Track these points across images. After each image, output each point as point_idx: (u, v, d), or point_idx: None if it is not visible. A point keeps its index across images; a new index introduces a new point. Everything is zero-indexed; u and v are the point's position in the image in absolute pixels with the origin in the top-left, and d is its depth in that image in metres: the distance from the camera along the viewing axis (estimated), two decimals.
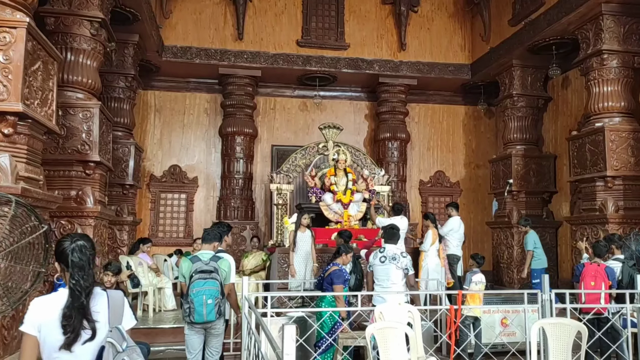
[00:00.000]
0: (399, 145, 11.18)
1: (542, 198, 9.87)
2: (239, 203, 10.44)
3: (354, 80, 11.26)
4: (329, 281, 5.07)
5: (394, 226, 5.52)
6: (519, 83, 9.95)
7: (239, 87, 10.64)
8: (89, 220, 6.54)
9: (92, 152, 6.59)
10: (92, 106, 6.69)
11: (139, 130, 10.91)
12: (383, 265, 5.14)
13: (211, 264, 4.20)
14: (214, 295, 4.10)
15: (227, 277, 4.36)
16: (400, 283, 5.14)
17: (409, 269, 5.14)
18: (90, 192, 6.61)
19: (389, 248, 5.23)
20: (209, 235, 4.51)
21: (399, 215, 6.92)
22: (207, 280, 4.12)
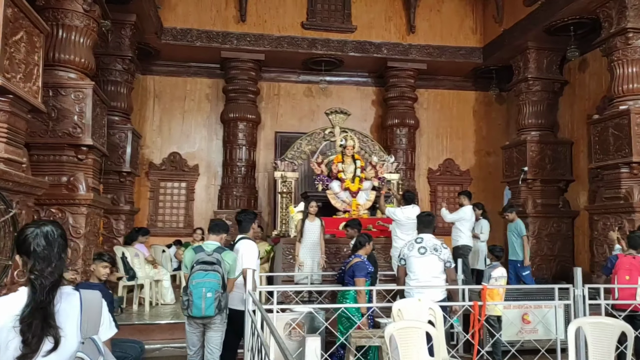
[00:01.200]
0: (408, 132, 10.74)
1: (558, 187, 9.44)
2: (242, 192, 10.03)
3: (361, 64, 10.80)
4: (351, 274, 4.76)
5: (429, 213, 5.04)
6: (534, 66, 9.49)
7: (241, 71, 10.20)
8: (81, 208, 6.15)
9: (85, 135, 6.19)
10: (85, 86, 6.27)
11: (138, 116, 10.49)
12: (423, 257, 4.59)
13: (214, 256, 3.98)
14: (214, 288, 3.88)
15: (232, 271, 4.11)
16: (442, 277, 4.62)
17: (450, 261, 4.62)
18: (82, 179, 6.21)
19: (428, 238, 4.69)
20: (216, 225, 4.30)
21: (411, 204, 6.50)
22: (208, 272, 3.91)
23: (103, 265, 4.55)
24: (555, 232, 9.17)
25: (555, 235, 9.18)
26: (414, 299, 4.44)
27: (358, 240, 5.02)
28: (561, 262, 9.16)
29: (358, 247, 4.99)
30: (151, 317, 6.58)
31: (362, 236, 5.07)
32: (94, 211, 6.54)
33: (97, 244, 6.84)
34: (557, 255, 9.16)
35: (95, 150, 6.56)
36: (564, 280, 8.74)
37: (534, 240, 9.05)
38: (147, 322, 6.29)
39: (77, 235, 6.15)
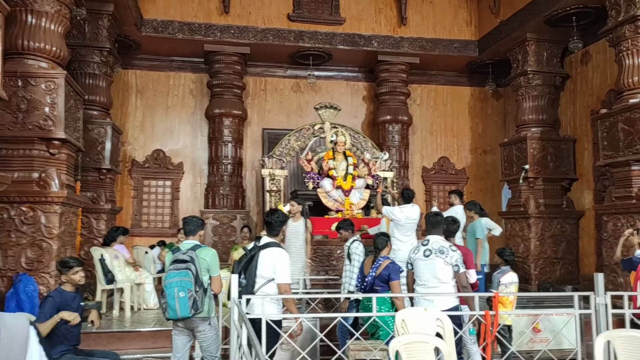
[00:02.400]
0: (401, 129, 10.36)
1: (562, 186, 9.06)
2: (228, 190, 9.58)
3: (350, 58, 10.40)
4: (384, 278, 4.41)
5: (438, 213, 4.64)
6: (534, 59, 9.11)
7: (226, 65, 9.75)
8: (53, 206, 5.71)
9: (57, 128, 5.74)
10: (57, 76, 5.82)
11: (119, 112, 10.00)
12: (428, 260, 4.26)
13: (188, 254, 3.81)
14: (187, 287, 3.68)
15: (212, 268, 3.88)
16: (450, 283, 4.24)
17: (459, 265, 4.22)
18: (55, 175, 5.76)
19: (434, 239, 4.34)
20: (189, 225, 4.05)
21: (410, 202, 6.11)
22: (180, 271, 3.74)
23: (75, 272, 4.11)
24: (559, 234, 8.78)
25: (559, 236, 8.79)
26: (419, 309, 4.02)
27: (377, 242, 4.68)
28: (565, 265, 8.78)
29: (379, 248, 4.66)
30: (132, 323, 6.11)
31: (380, 237, 4.73)
32: (68, 210, 6.09)
33: (73, 245, 6.38)
34: (561, 258, 8.77)
35: (69, 144, 6.10)
36: (569, 285, 8.40)
37: (537, 242, 8.68)
38: (127, 329, 5.82)
39: (50, 236, 5.71)
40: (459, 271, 4.23)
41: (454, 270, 4.23)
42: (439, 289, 4.22)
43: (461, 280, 4.25)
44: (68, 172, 6.17)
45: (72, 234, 6.27)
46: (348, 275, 5.24)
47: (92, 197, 7.94)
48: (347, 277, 5.24)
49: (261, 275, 3.84)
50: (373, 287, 4.51)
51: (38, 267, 5.56)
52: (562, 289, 8.30)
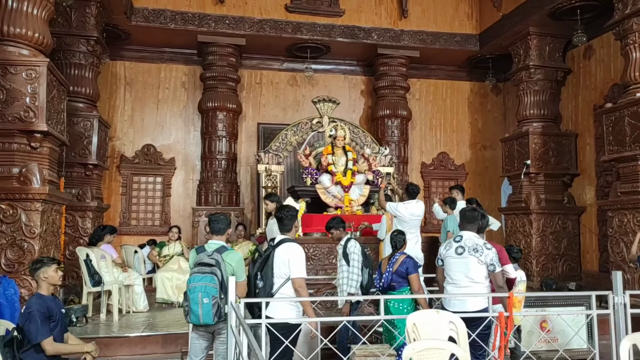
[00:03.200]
0: (400, 124, 10.07)
1: (563, 181, 8.87)
2: (222, 187, 9.23)
3: (349, 51, 10.09)
4: (402, 273, 4.30)
5: (475, 208, 4.39)
6: (536, 53, 8.89)
7: (220, 57, 9.38)
8: (35, 204, 5.34)
9: (38, 120, 5.37)
10: (38, 64, 5.45)
11: (107, 105, 9.61)
12: (460, 258, 4.00)
13: (214, 256, 3.60)
14: (211, 293, 3.50)
15: (238, 273, 3.64)
16: (484, 283, 3.97)
17: (495, 264, 3.93)
18: (36, 170, 5.39)
19: (468, 236, 4.06)
20: (217, 223, 3.79)
21: (415, 198, 5.81)
22: (205, 275, 3.55)
23: (54, 269, 3.78)
24: (560, 230, 8.60)
25: (561, 232, 8.60)
26: (431, 311, 3.76)
27: (395, 242, 4.54)
28: (567, 261, 8.59)
29: (397, 246, 4.53)
30: (120, 328, 5.76)
31: (398, 236, 4.56)
32: (51, 207, 5.72)
33: (57, 245, 6.02)
34: (563, 254, 8.58)
35: (52, 138, 5.73)
36: (571, 281, 8.22)
37: (539, 238, 8.47)
38: (115, 334, 5.47)
39: (31, 235, 5.34)
40: (495, 270, 3.94)
41: (489, 270, 3.94)
42: (471, 289, 3.94)
43: (497, 280, 3.96)
44: (51, 168, 5.80)
45: (56, 233, 5.90)
46: (346, 277, 4.85)
47: (77, 194, 7.57)
48: (345, 277, 4.85)
49: (278, 275, 3.69)
50: (391, 284, 4.35)
51: (19, 269, 5.20)
52: (565, 286, 8.11)
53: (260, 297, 3.57)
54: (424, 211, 5.88)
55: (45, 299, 3.67)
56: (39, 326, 3.56)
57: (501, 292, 3.97)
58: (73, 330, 5.53)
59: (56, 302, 3.80)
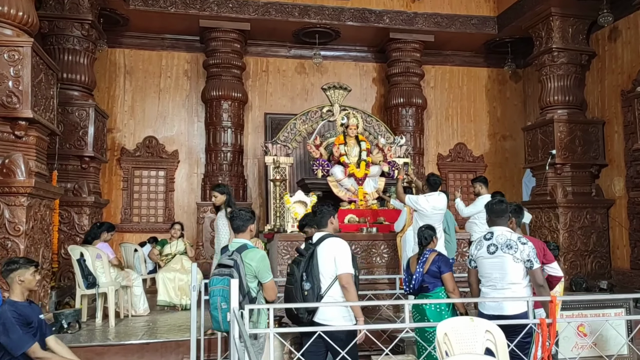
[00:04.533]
0: (415, 113, 9.50)
1: (590, 172, 8.29)
2: (228, 181, 8.71)
3: (359, 36, 9.53)
4: (435, 273, 3.92)
5: (503, 200, 3.87)
6: (559, 35, 8.31)
7: (224, 43, 8.85)
8: (19, 198, 4.85)
9: (22, 105, 4.88)
10: (22, 44, 4.95)
11: (106, 95, 9.14)
12: (493, 257, 3.58)
13: (233, 256, 3.32)
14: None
15: (261, 273, 3.35)
16: (523, 283, 3.54)
17: (532, 260, 3.49)
18: (21, 161, 4.89)
19: (499, 232, 3.63)
20: (237, 219, 3.51)
21: (436, 190, 5.28)
22: (223, 278, 3.29)
23: (32, 272, 3.31)
24: (589, 224, 8.02)
25: (589, 227, 8.03)
26: (464, 319, 3.25)
27: (423, 236, 4.13)
28: (597, 258, 8.02)
29: (423, 243, 4.12)
30: (117, 334, 5.27)
31: (426, 232, 4.14)
32: (39, 202, 5.23)
33: (47, 244, 5.53)
34: (592, 251, 8.01)
35: (40, 126, 5.24)
36: (602, 279, 7.66)
37: (566, 233, 7.90)
38: (110, 342, 4.98)
39: (15, 233, 4.85)
40: (533, 267, 3.49)
41: (527, 267, 3.51)
42: (509, 292, 3.52)
43: (536, 278, 3.50)
44: (38, 159, 5.31)
45: (46, 230, 5.41)
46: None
47: (73, 189, 7.09)
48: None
49: (325, 275, 3.39)
50: (422, 285, 3.97)
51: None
52: (596, 284, 7.56)
53: (309, 300, 3.29)
54: (446, 204, 5.35)
55: (19, 306, 3.21)
56: (21, 334, 3.13)
57: (541, 292, 3.51)
58: (64, 337, 5.06)
59: (33, 308, 3.34)
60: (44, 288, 5.45)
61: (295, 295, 3.37)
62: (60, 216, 6.86)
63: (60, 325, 5.23)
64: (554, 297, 3.45)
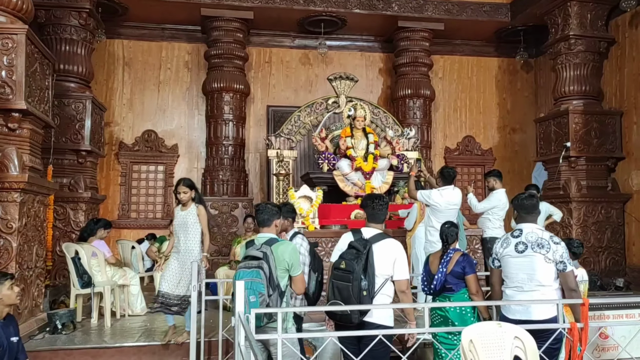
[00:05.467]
0: (423, 104, 9.21)
1: (606, 165, 7.99)
2: (229, 175, 8.46)
3: (366, 24, 9.22)
4: (459, 274, 3.70)
5: (533, 194, 3.56)
6: (577, 22, 7.95)
7: (226, 32, 8.56)
8: (12, 194, 4.61)
9: (15, 96, 4.63)
10: (15, 31, 4.70)
11: (104, 87, 8.88)
12: (522, 256, 3.28)
13: (262, 248, 3.17)
14: (258, 289, 3.06)
15: (293, 266, 3.23)
16: (553, 285, 3.25)
17: (565, 262, 3.21)
18: (14, 155, 4.65)
19: (529, 229, 3.33)
20: (262, 213, 3.35)
21: (451, 184, 5.00)
22: (251, 270, 3.10)
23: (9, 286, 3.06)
24: (604, 220, 7.74)
25: (604, 223, 7.74)
26: (491, 324, 2.97)
27: (447, 234, 3.87)
28: (611, 254, 7.73)
29: (449, 241, 3.85)
30: (113, 335, 5.03)
31: (450, 229, 3.87)
32: (32, 198, 4.98)
33: (41, 241, 5.28)
34: (606, 247, 7.73)
35: (34, 118, 4.98)
36: (616, 276, 7.37)
37: (580, 229, 7.60)
38: (106, 344, 4.74)
39: (8, 230, 4.61)
40: (566, 270, 3.21)
41: (559, 269, 3.22)
42: (538, 294, 3.23)
43: (568, 282, 3.22)
44: (32, 153, 5.06)
45: (39, 227, 5.17)
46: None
47: (69, 184, 6.83)
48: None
49: (380, 275, 3.19)
50: (444, 286, 3.72)
51: None
52: (612, 282, 7.27)
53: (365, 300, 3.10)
54: (461, 199, 5.07)
55: None
56: None
57: (572, 296, 3.22)
58: (58, 338, 4.83)
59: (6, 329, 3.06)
60: (37, 287, 5.22)
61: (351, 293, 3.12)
62: (56, 212, 6.62)
63: (54, 326, 5.00)
64: (586, 300, 3.17)
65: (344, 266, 3.18)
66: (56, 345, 4.61)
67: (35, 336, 4.86)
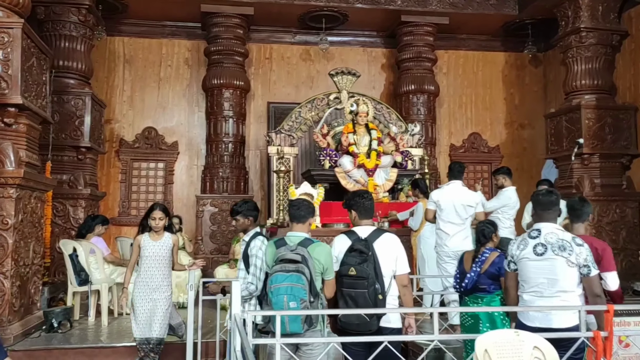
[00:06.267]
0: (427, 100, 9.05)
1: (621, 163, 7.72)
2: (229, 173, 8.35)
3: (369, 19, 9.07)
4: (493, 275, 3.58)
5: (552, 190, 3.32)
6: (588, 14, 7.69)
7: (226, 29, 8.46)
8: (8, 189, 4.56)
9: (12, 91, 4.58)
10: (12, 26, 4.66)
11: (105, 85, 8.80)
12: (541, 259, 3.06)
13: (298, 251, 3.04)
14: (299, 295, 2.96)
15: (328, 270, 3.12)
16: (576, 291, 3.03)
17: (590, 265, 3.00)
18: (10, 150, 4.59)
19: (549, 229, 3.11)
20: (299, 209, 3.21)
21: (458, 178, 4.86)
22: (290, 274, 2.99)
23: None
24: (618, 219, 7.47)
25: (619, 222, 7.47)
26: (508, 332, 2.82)
27: (482, 231, 3.76)
28: (627, 256, 7.46)
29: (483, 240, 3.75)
30: (110, 335, 4.95)
31: (486, 226, 3.77)
32: (29, 194, 4.91)
33: (38, 238, 5.21)
34: (622, 249, 7.43)
35: (30, 113, 4.91)
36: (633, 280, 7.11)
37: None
38: (102, 343, 4.65)
39: (3, 227, 4.56)
40: (590, 274, 3.01)
41: (582, 273, 3.01)
42: (558, 301, 3.02)
43: (593, 287, 3.02)
44: (29, 148, 4.99)
45: (37, 224, 5.09)
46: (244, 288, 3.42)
47: (68, 181, 6.76)
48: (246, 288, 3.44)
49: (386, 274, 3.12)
50: (477, 286, 3.62)
51: None
52: (629, 286, 7.02)
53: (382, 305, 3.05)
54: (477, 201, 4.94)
55: None
56: None
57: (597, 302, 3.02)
58: (55, 337, 4.74)
59: None
60: (34, 284, 5.14)
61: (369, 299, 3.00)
62: (55, 209, 6.55)
63: (50, 324, 4.92)
64: (611, 306, 2.98)
65: (354, 272, 3.03)
66: (51, 344, 4.54)
67: (32, 334, 4.79)
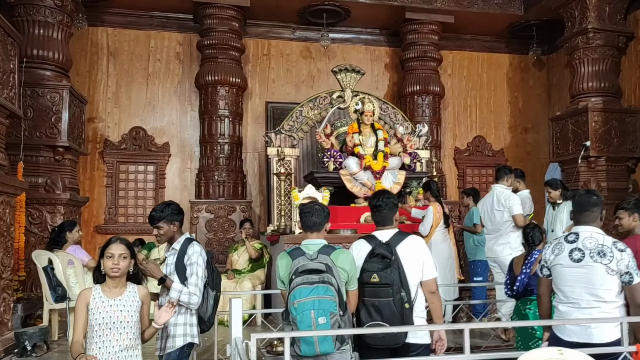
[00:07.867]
0: (432, 102, 8.63)
1: (627, 166, 7.52)
2: (225, 176, 7.77)
3: (372, 16, 8.63)
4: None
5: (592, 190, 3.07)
6: (595, 15, 7.45)
7: (221, 21, 7.90)
8: None
9: None
10: None
11: (87, 80, 8.18)
12: (578, 266, 2.79)
13: (320, 259, 2.68)
14: (329, 309, 2.60)
15: (353, 280, 2.79)
16: (617, 301, 2.76)
17: (632, 272, 2.72)
18: None
19: (587, 234, 2.84)
20: (313, 215, 2.86)
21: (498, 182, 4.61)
22: (315, 286, 2.64)
23: None
24: None
25: None
26: (551, 350, 2.43)
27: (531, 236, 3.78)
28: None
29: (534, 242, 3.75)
30: None
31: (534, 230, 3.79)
32: None
33: (7, 248, 4.58)
34: None
35: None
36: None
37: None
38: None
39: None
40: (633, 282, 2.73)
41: (624, 281, 2.75)
42: (598, 312, 2.75)
43: (636, 296, 2.74)
44: None
45: (5, 232, 4.48)
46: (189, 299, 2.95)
47: (45, 184, 6.13)
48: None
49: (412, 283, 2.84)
50: (527, 288, 3.56)
51: None
52: None
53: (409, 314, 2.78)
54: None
55: None
56: None
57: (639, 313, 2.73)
58: None
59: None
60: (4, 302, 4.52)
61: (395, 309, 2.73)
62: (30, 216, 5.94)
63: (22, 347, 4.31)
64: None
65: (377, 279, 2.74)
66: None
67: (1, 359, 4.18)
